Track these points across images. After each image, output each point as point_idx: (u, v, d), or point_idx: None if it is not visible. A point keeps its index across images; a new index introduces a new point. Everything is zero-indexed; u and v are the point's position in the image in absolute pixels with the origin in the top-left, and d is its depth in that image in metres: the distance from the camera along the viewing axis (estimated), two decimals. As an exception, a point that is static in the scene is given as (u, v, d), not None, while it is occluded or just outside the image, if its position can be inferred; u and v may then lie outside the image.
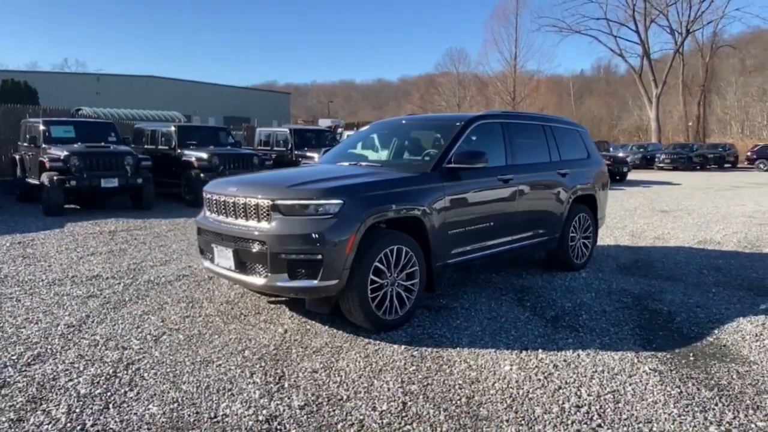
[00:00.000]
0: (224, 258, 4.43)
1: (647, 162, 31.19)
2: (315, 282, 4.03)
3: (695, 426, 2.97)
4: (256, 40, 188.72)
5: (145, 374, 3.55)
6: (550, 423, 3.00)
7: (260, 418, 3.03)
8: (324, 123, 40.01)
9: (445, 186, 4.77)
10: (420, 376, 3.56)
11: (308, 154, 13.71)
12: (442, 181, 4.78)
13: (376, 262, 4.19)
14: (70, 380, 3.45)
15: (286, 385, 3.42)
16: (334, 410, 3.12)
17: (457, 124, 5.30)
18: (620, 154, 23.69)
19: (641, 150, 32.72)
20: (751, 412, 3.14)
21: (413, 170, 4.89)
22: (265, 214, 4.17)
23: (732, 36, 56.78)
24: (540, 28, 53.60)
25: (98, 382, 3.42)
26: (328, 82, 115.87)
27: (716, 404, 3.22)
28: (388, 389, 3.38)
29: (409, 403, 3.20)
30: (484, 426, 2.96)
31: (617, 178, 22.09)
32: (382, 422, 3.00)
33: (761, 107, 77.74)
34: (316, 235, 3.99)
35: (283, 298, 5.10)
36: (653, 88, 43.43)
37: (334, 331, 4.36)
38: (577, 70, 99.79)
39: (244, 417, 3.03)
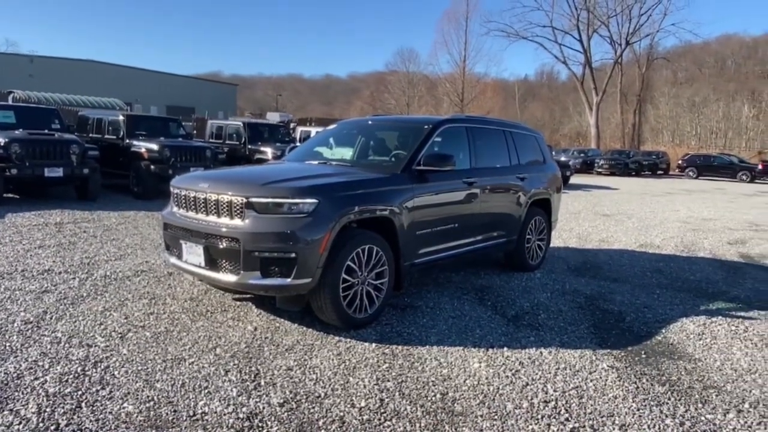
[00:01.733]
0: (194, 254, 4.38)
1: (587, 167, 32.47)
2: (288, 280, 4.05)
3: (653, 419, 3.20)
4: (200, 27, 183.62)
5: (116, 372, 3.48)
6: (521, 417, 3.15)
7: (240, 415, 3.04)
8: (272, 117, 39.45)
9: (414, 187, 4.87)
10: (394, 374, 3.65)
11: (262, 149, 13.55)
12: (412, 182, 4.88)
13: (348, 261, 4.26)
14: (36, 379, 3.34)
15: (262, 383, 3.43)
16: (313, 407, 3.17)
17: (426, 126, 5.42)
18: (563, 159, 24.58)
19: (582, 155, 34.04)
20: (700, 405, 3.41)
21: (383, 171, 4.98)
22: (238, 212, 4.15)
23: (665, 49, 59.67)
24: (489, 32, 54.84)
25: (67, 381, 3.33)
26: (276, 75, 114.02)
27: (669, 399, 3.47)
28: (364, 386, 3.46)
29: (387, 400, 3.29)
30: (460, 421, 3.09)
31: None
32: (362, 419, 3.07)
33: (690, 118, 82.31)
34: (291, 234, 4.01)
35: (249, 296, 5.08)
36: (594, 95, 45.26)
37: (304, 329, 4.39)
38: (521, 75, 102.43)
39: (224, 415, 3.04)
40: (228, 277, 4.20)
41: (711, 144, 67.98)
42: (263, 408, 3.13)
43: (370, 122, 6.20)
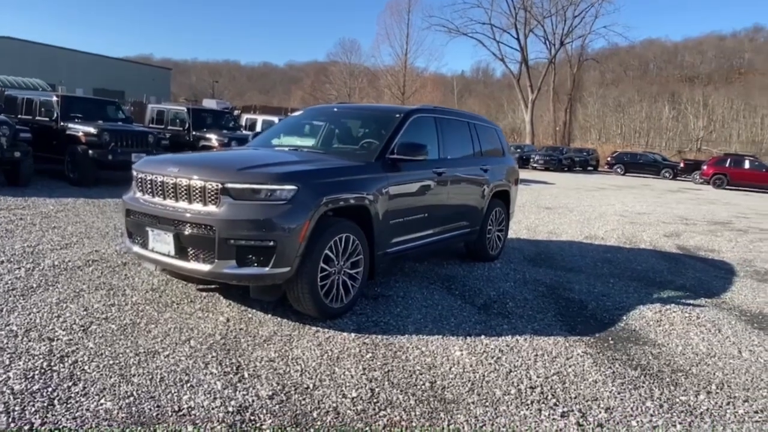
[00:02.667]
0: (161, 243, 4.16)
1: (523, 162, 33.45)
2: (266, 269, 3.92)
3: (634, 401, 3.33)
4: (127, 5, 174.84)
5: (86, 367, 3.26)
6: (512, 403, 3.20)
7: (230, 409, 2.92)
8: (209, 104, 38.18)
9: (388, 176, 4.83)
10: (378, 363, 3.62)
11: (207, 135, 13.07)
12: (385, 171, 4.84)
13: (326, 250, 4.17)
14: (-3, 376, 3.07)
15: (246, 375, 3.31)
16: (304, 399, 3.09)
17: (397, 116, 5.38)
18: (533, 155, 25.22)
19: (518, 150, 35.01)
20: (672, 388, 3.57)
21: (357, 159, 4.91)
22: (212, 198, 3.97)
23: (594, 51, 62.33)
24: (430, 26, 55.36)
25: (33, 377, 3.08)
26: (211, 60, 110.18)
27: (644, 382, 3.62)
28: (352, 376, 3.40)
29: (377, 390, 3.25)
30: (453, 409, 3.09)
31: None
32: (357, 409, 3.02)
33: (616, 117, 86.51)
34: (270, 221, 3.88)
35: (214, 286, 4.89)
36: (529, 93, 46.69)
37: (279, 319, 4.27)
38: (459, 71, 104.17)
39: (213, 408, 2.91)
40: (200, 267, 4.02)
41: (634, 143, 71.80)
42: (252, 401, 3.02)
43: (337, 110, 6.09)
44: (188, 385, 3.14)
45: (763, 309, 5.63)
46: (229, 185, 3.93)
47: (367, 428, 2.84)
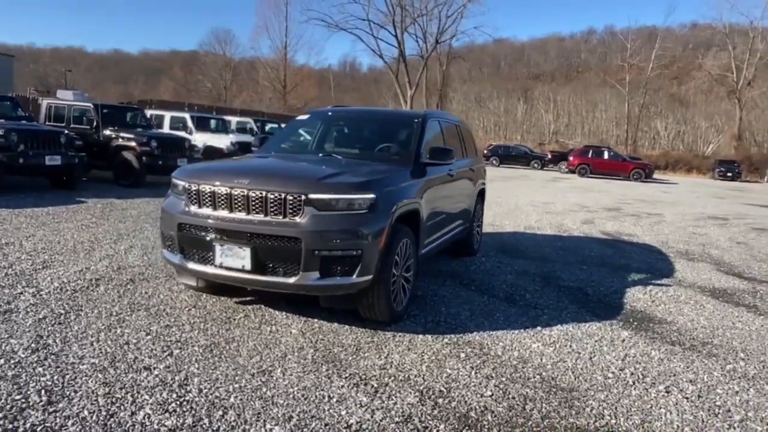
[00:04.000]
0: (233, 257, 3.96)
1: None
2: (351, 279, 3.93)
3: (706, 372, 3.86)
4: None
5: (216, 393, 3.09)
6: (619, 385, 3.56)
7: (396, 419, 2.96)
8: (64, 95, 34.67)
9: (424, 180, 5.00)
10: (478, 362, 3.81)
11: (123, 135, 12.02)
12: (421, 175, 5.00)
13: (395, 255, 4.26)
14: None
15: (376, 385, 3.34)
16: (450, 401, 3.20)
17: (416, 120, 5.55)
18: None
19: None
20: (715, 359, 4.19)
21: (398, 164, 5.01)
22: (295, 209, 3.88)
23: (454, 50, 65.90)
24: (309, 20, 54.89)
25: (175, 411, 2.87)
26: (49, 45, 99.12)
27: (692, 355, 4.20)
28: (468, 376, 3.57)
29: (503, 387, 3.45)
30: (579, 396, 3.39)
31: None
32: (505, 405, 3.20)
33: (479, 112, 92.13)
34: (356, 231, 3.91)
35: (250, 297, 4.75)
36: (408, 89, 48.31)
37: (347, 327, 4.27)
38: (326, 64, 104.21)
39: (381, 421, 2.93)
40: (282, 280, 3.92)
41: (494, 136, 77.22)
42: (409, 409, 3.07)
43: (350, 114, 6.08)
44: (334, 400, 3.12)
45: (713, 284, 6.63)
46: (313, 196, 3.87)
47: (530, 422, 3.05)
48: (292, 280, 3.89)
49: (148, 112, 15.25)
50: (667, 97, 79.03)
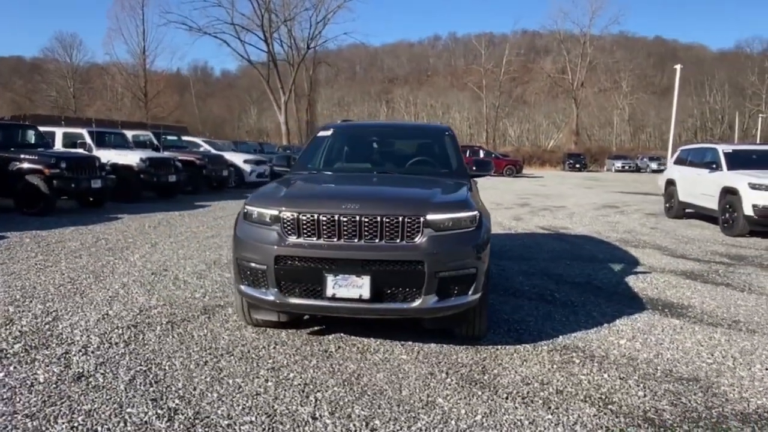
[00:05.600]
0: (349, 287, 3.71)
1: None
2: (468, 297, 3.88)
3: (763, 353, 4.39)
4: None
5: (408, 428, 2.92)
6: (736, 373, 3.93)
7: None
8: None
9: (475, 192, 5.07)
10: (597, 366, 3.94)
11: (25, 156, 10.39)
12: (472, 188, 5.07)
13: (485, 270, 4.29)
14: None
15: (555, 400, 3.36)
16: (619, 408, 3.33)
17: (447, 133, 5.61)
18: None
19: (288, 152, 35.64)
20: (758, 335, 4.75)
21: (453, 178, 5.01)
22: (413, 232, 3.75)
23: (319, 53, 66.13)
24: (167, 23, 51.46)
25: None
26: None
27: (740, 335, 4.74)
28: (606, 380, 3.71)
29: (645, 385, 3.63)
30: (709, 384, 3.66)
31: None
32: (661, 402, 3.39)
33: (343, 115, 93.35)
34: (472, 249, 3.88)
35: (317, 327, 4.51)
36: (281, 95, 47.46)
37: (448, 346, 4.22)
38: (174, 68, 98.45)
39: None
40: (403, 306, 3.75)
41: (362, 138, 78.85)
42: (593, 420, 3.14)
43: (380, 129, 5.97)
44: (526, 423, 3.09)
45: (679, 268, 7.47)
46: (431, 217, 3.77)
47: (702, 414, 3.26)
48: (414, 304, 3.74)
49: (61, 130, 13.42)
50: (513, 99, 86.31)
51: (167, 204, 13.38)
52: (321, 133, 5.74)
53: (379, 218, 3.73)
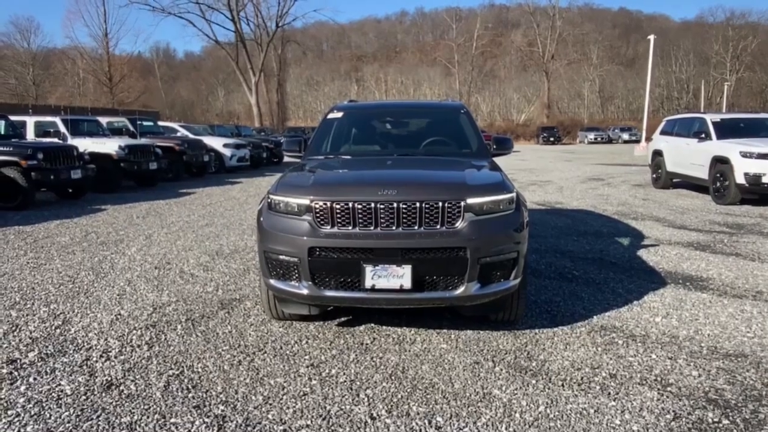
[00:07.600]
0: (390, 278, 3.52)
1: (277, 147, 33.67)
2: (510, 282, 3.74)
3: (804, 319, 4.38)
4: None
5: (475, 423, 2.78)
6: (750, 343, 3.91)
7: (668, 418, 2.93)
8: None
9: (498, 171, 4.92)
10: (642, 346, 3.85)
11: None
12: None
13: (523, 252, 4.16)
14: None
15: (610, 384, 3.26)
16: (680, 390, 3.25)
17: (463, 111, 5.41)
18: (281, 140, 25.14)
19: (262, 134, 34.98)
20: (785, 305, 4.77)
21: (476, 158, 4.84)
22: (454, 217, 3.57)
23: (287, 32, 64.78)
24: (129, 4, 49.34)
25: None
26: None
27: (766, 305, 4.74)
28: (656, 361, 3.62)
29: (697, 364, 3.56)
30: (758, 359, 3.62)
31: (275, 160, 23.71)
32: (718, 381, 3.32)
33: (314, 95, 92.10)
34: (513, 232, 3.73)
35: (344, 317, 4.33)
36: (251, 75, 46.37)
37: (486, 332, 4.09)
38: (135, 51, 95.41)
39: (660, 420, 2.88)
40: (445, 294, 3.59)
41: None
42: (657, 405, 3.05)
43: (394, 109, 5.71)
44: (592, 412, 2.98)
45: (684, 239, 7.48)
46: (471, 201, 3.60)
47: (763, 392, 3.20)
48: (457, 292, 3.58)
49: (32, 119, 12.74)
50: (483, 74, 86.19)
51: (150, 193, 12.93)
52: (331, 115, 5.47)
53: (418, 204, 3.54)
